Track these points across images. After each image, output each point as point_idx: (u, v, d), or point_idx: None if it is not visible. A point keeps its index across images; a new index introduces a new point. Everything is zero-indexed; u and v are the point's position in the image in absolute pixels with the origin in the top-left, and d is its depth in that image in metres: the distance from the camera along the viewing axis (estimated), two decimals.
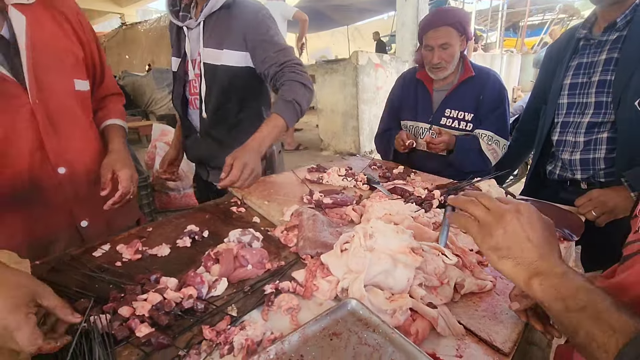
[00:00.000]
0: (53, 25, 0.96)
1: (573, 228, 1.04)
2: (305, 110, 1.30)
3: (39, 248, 1.00)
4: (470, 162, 1.60)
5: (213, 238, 1.01)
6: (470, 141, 1.62)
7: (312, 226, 1.00)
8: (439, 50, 1.58)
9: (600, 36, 1.23)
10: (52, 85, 0.94)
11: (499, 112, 1.62)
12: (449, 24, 1.55)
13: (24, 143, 0.91)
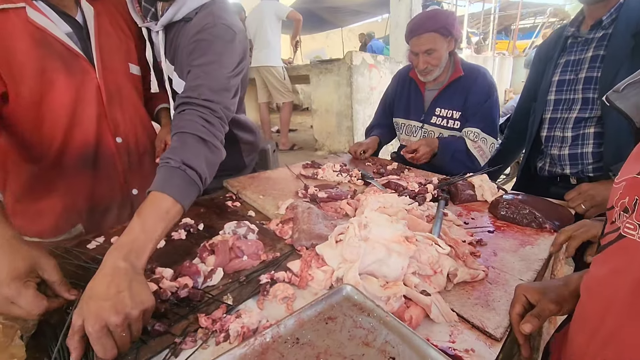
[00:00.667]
0: (112, 17, 1.10)
1: (563, 221, 1.06)
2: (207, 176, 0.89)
3: (97, 212, 1.13)
4: (457, 164, 1.61)
5: (208, 231, 1.01)
6: (454, 142, 1.63)
7: (307, 219, 1.01)
8: (424, 55, 1.60)
9: (587, 34, 1.26)
10: (113, 65, 1.08)
11: (485, 108, 1.62)
12: (431, 31, 1.56)
13: (92, 111, 1.04)
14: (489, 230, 1.05)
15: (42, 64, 0.92)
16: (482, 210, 1.19)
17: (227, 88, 1.04)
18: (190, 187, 0.83)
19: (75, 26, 1.00)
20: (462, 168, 1.62)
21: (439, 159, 1.63)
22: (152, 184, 0.79)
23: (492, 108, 1.64)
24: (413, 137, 1.84)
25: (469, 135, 1.63)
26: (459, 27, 1.66)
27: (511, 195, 1.18)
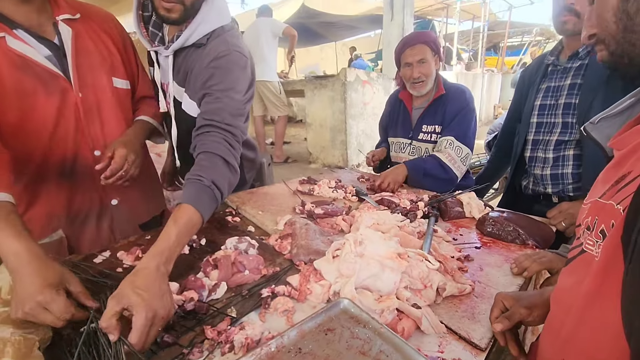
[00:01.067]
0: (92, 36, 1.14)
1: (545, 238, 1.13)
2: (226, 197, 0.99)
3: (76, 220, 1.17)
4: (433, 178, 1.65)
5: (210, 245, 1.06)
6: (422, 159, 1.71)
7: (305, 235, 1.06)
8: (418, 65, 1.72)
9: (566, 63, 1.36)
10: (92, 81, 1.12)
11: (459, 119, 1.71)
12: (423, 42, 1.72)
13: (70, 127, 1.09)
14: (475, 246, 1.11)
15: (24, 86, 0.99)
16: (470, 226, 1.26)
17: (242, 113, 1.13)
18: (213, 205, 0.93)
19: (54, 48, 1.05)
20: (439, 182, 1.65)
21: (411, 180, 1.68)
22: (184, 196, 0.89)
23: (465, 118, 1.72)
24: (402, 153, 1.92)
25: (442, 144, 1.69)
26: (441, 52, 1.80)
27: (497, 213, 1.25)
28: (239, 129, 1.08)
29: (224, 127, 1.04)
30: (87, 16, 1.13)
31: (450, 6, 9.15)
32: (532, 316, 0.67)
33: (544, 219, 1.28)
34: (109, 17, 1.21)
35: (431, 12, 9.80)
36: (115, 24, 1.22)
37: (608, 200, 0.50)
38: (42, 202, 1.10)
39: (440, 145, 1.71)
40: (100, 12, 1.20)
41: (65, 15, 1.07)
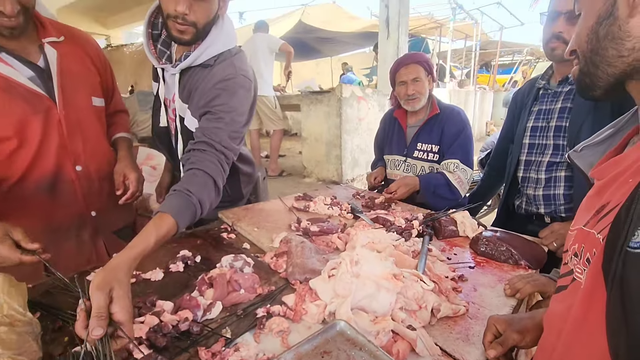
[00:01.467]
0: (76, 57, 1.22)
1: (537, 258, 1.15)
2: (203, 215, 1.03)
3: (57, 234, 1.21)
4: (438, 198, 1.73)
5: (205, 263, 1.05)
6: (434, 178, 1.77)
7: (300, 253, 1.06)
8: (412, 83, 1.79)
9: (557, 87, 1.40)
10: (75, 101, 1.19)
11: (460, 141, 1.78)
12: (416, 62, 1.80)
13: (53, 143, 1.15)
14: (469, 266, 1.12)
15: (9, 107, 1.05)
16: (464, 245, 1.27)
17: (239, 136, 1.19)
18: (190, 222, 0.99)
19: (37, 70, 1.11)
20: (444, 202, 1.73)
21: (422, 196, 1.74)
22: (169, 206, 0.94)
23: (466, 141, 1.81)
24: (396, 170, 1.97)
25: (449, 167, 1.76)
26: (434, 73, 1.87)
27: (490, 232, 1.26)
28: (232, 152, 1.15)
29: (220, 149, 1.09)
30: (71, 39, 1.21)
31: (443, 25, 9.38)
32: (525, 341, 0.68)
33: (537, 239, 1.30)
34: (90, 40, 1.31)
35: (425, 31, 10.04)
36: (95, 47, 1.31)
37: (591, 229, 0.51)
38: (18, 215, 1.12)
39: (447, 167, 1.77)
40: (82, 35, 1.29)
41: (51, 38, 1.15)
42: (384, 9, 4.54)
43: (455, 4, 8.12)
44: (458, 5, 8.18)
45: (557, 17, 1.29)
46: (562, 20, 1.27)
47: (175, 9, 1.06)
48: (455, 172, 1.75)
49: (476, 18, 9.41)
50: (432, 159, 1.84)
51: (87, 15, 9.23)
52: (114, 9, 9.52)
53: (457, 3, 8.12)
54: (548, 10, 1.35)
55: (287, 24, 8.73)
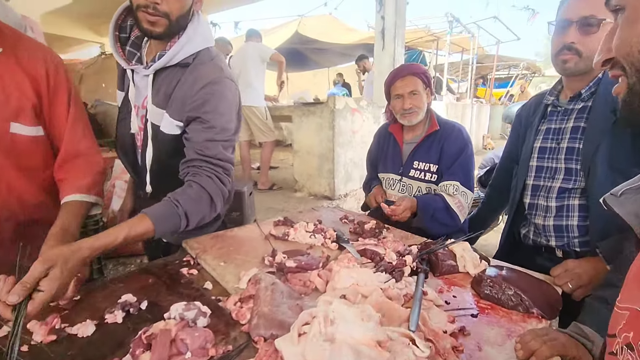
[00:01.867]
0: (4, 75, 1.00)
1: (551, 304, 0.97)
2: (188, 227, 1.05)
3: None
4: (436, 223, 1.57)
5: (152, 311, 0.87)
6: (433, 200, 1.60)
7: (269, 299, 0.88)
8: (409, 96, 1.64)
9: (567, 104, 1.25)
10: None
11: (461, 162, 1.63)
12: (414, 74, 1.65)
13: None
14: (472, 314, 0.95)
15: None
16: (465, 285, 1.10)
17: (232, 145, 1.17)
18: (171, 231, 1.02)
19: None
20: (442, 227, 1.57)
21: (419, 219, 1.57)
22: (151, 210, 0.97)
23: (467, 162, 1.65)
24: (391, 190, 1.81)
25: (449, 190, 1.60)
26: (432, 85, 1.72)
27: (495, 271, 1.09)
28: (229, 162, 1.13)
29: (216, 163, 1.09)
30: (13, 52, 1.01)
31: (440, 39, 9.37)
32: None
33: (548, 277, 1.12)
34: (39, 56, 1.06)
35: (422, 44, 10.03)
36: (46, 66, 1.06)
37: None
38: None
39: (446, 189, 1.61)
40: (32, 48, 1.06)
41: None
42: (380, 20, 4.44)
43: (452, 18, 8.10)
44: (455, 18, 8.16)
45: (567, 27, 1.14)
46: (574, 29, 1.13)
47: None
48: (455, 195, 1.58)
49: (473, 32, 9.41)
50: (430, 179, 1.68)
51: (79, 22, 9.13)
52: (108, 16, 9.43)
53: (454, 16, 8.10)
54: (556, 20, 1.20)
55: (283, 34, 8.67)
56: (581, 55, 1.13)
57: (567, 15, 1.14)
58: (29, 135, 1.06)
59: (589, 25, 1.11)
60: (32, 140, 1.07)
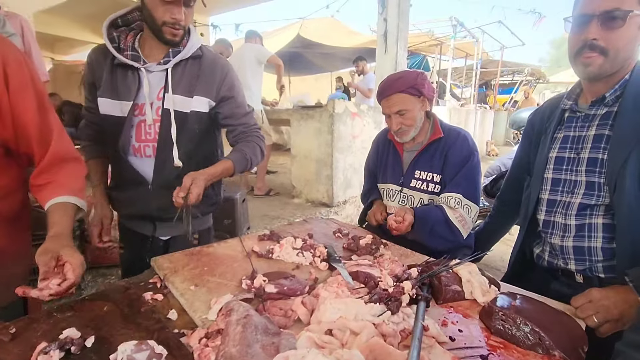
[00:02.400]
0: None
1: (575, 343, 0.82)
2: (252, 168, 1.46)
3: None
4: (435, 238, 1.43)
5: (98, 349, 0.72)
6: (432, 212, 1.46)
7: (239, 336, 0.73)
8: (396, 117, 1.51)
9: (588, 109, 1.11)
10: None
11: (465, 172, 1.49)
12: (399, 91, 1.48)
13: None
14: (481, 355, 0.80)
15: None
16: (472, 315, 0.95)
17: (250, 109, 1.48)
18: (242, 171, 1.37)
19: None
20: (442, 242, 1.43)
21: (415, 232, 1.44)
22: (232, 156, 1.34)
23: (472, 172, 1.50)
24: (391, 202, 1.67)
25: (449, 202, 1.46)
26: (430, 86, 1.55)
27: (507, 300, 0.94)
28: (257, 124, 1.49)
29: (254, 127, 1.44)
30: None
31: (443, 43, 9.25)
32: None
33: (567, 307, 0.97)
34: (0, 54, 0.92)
35: (425, 49, 9.92)
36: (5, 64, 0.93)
37: None
38: None
39: (447, 202, 1.46)
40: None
41: None
42: (382, 23, 4.32)
43: (456, 22, 7.98)
44: (459, 22, 8.04)
45: (588, 22, 1.00)
46: (595, 24, 0.98)
47: (173, 17, 1.18)
48: (456, 208, 1.44)
49: (477, 36, 9.29)
50: (433, 189, 1.54)
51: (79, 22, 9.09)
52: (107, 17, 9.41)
53: (458, 21, 7.98)
54: (573, 16, 1.06)
55: (285, 37, 8.58)
56: (607, 54, 0.99)
57: (587, 9, 1.00)
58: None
59: (613, 19, 0.97)
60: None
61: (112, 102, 1.27)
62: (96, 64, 1.28)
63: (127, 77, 1.26)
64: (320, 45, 8.90)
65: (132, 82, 1.26)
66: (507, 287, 1.09)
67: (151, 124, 1.29)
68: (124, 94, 1.26)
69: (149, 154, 1.30)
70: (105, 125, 1.30)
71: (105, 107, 1.27)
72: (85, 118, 1.41)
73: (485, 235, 1.61)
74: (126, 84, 1.26)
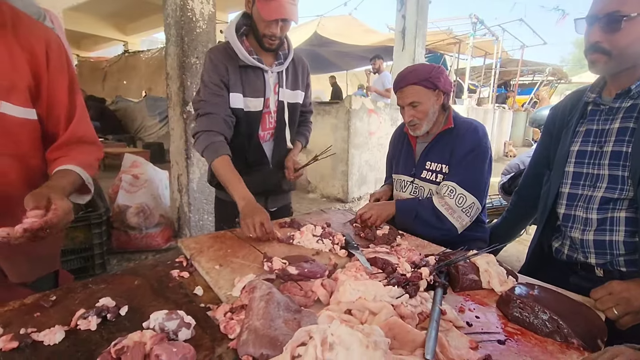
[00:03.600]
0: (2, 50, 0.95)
1: (593, 333, 0.82)
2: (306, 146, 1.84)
3: None
4: (424, 226, 1.45)
5: (132, 318, 0.77)
6: (416, 200, 1.54)
7: (262, 311, 0.77)
8: (409, 108, 1.52)
9: (612, 102, 1.10)
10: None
11: (467, 162, 1.46)
12: (413, 83, 1.49)
13: None
14: (498, 340, 0.81)
15: None
16: (489, 303, 0.96)
17: None
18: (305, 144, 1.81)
19: None
20: (435, 231, 1.44)
21: (400, 222, 1.49)
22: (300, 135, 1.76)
23: (474, 162, 1.47)
24: (403, 192, 1.68)
25: (442, 190, 1.46)
26: (447, 80, 1.54)
27: (525, 289, 0.95)
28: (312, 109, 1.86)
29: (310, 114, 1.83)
30: (11, 29, 0.96)
31: (462, 42, 9.12)
32: None
33: (587, 299, 0.97)
34: (40, 35, 1.01)
35: (443, 47, 9.79)
36: (47, 46, 1.01)
37: None
38: None
39: (439, 190, 1.48)
40: (33, 27, 1.01)
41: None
42: (401, 20, 4.31)
43: (476, 19, 7.85)
44: (479, 20, 7.90)
45: (592, 24, 1.03)
46: (598, 26, 1.01)
47: (271, 32, 1.39)
48: (445, 197, 1.43)
49: (497, 35, 9.11)
50: (442, 181, 1.53)
51: (103, 20, 9.33)
52: (132, 15, 9.64)
53: (478, 18, 7.85)
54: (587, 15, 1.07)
55: (302, 34, 8.61)
56: (610, 54, 1.01)
57: (592, 11, 1.03)
58: (19, 117, 0.99)
59: (614, 22, 0.98)
60: (22, 123, 1.00)
61: (244, 98, 1.48)
62: (221, 64, 1.44)
63: (252, 77, 1.49)
64: (337, 44, 8.91)
65: (257, 80, 1.50)
66: (526, 279, 1.09)
67: (273, 114, 1.57)
68: (254, 91, 1.50)
69: (268, 139, 1.60)
70: (238, 117, 1.49)
71: (237, 102, 1.47)
72: (206, 110, 1.43)
73: (502, 230, 1.60)
74: (254, 82, 1.49)
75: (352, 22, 9.01)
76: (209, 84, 1.44)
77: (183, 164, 2.46)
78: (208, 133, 1.40)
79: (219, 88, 1.44)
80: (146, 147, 6.26)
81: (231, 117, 1.47)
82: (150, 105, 7.23)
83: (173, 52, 2.43)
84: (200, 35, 2.43)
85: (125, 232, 2.29)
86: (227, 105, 1.45)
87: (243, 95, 1.48)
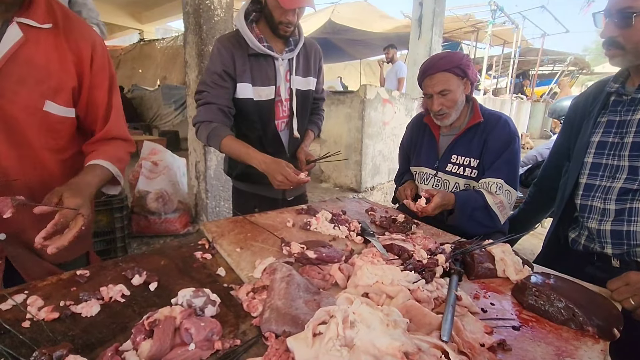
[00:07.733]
0: (51, 50, 0.98)
1: (609, 322, 0.83)
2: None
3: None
4: (474, 223, 1.43)
5: (162, 294, 0.82)
6: (472, 198, 1.45)
7: (284, 291, 0.80)
8: (438, 97, 1.48)
9: (635, 93, 1.08)
10: (15, 96, 0.94)
11: (505, 157, 1.47)
12: (444, 70, 1.46)
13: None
14: (513, 326, 0.83)
15: None
16: (504, 291, 0.97)
17: None
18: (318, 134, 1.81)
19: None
20: (480, 227, 1.43)
21: (455, 217, 1.43)
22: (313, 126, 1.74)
23: (513, 158, 1.48)
24: (424, 185, 1.68)
25: (491, 188, 1.45)
26: (474, 69, 1.53)
27: (540, 277, 0.96)
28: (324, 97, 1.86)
29: (322, 101, 1.82)
30: (62, 30, 1.00)
31: (480, 30, 8.88)
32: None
33: (603, 290, 0.98)
34: (87, 37, 1.05)
35: (460, 35, 9.57)
36: (92, 48, 1.05)
37: None
38: None
39: (487, 187, 1.45)
40: (80, 28, 1.05)
41: (28, 20, 0.93)
42: (418, 7, 4.23)
43: (495, 6, 7.62)
44: (499, 7, 7.67)
45: (607, 19, 1.04)
46: (611, 22, 1.02)
47: (288, 19, 1.36)
48: (497, 194, 1.43)
49: (517, 22, 8.84)
50: (470, 174, 1.53)
51: (122, 9, 9.41)
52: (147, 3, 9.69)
53: (498, 5, 7.62)
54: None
55: (316, 22, 8.53)
56: (624, 48, 1.02)
57: (609, 5, 1.02)
58: (61, 115, 1.03)
59: (626, 18, 0.99)
60: (62, 120, 1.05)
61: (253, 87, 1.45)
62: (227, 54, 1.40)
63: (263, 65, 1.45)
64: (350, 31, 8.79)
65: (268, 68, 1.46)
66: (542, 269, 1.10)
67: (285, 103, 1.54)
68: (265, 79, 1.46)
69: (283, 128, 1.57)
70: (249, 108, 1.47)
71: (245, 92, 1.44)
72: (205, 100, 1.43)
73: (519, 222, 1.61)
74: (264, 70, 1.46)
75: (367, 8, 8.86)
76: (211, 74, 1.42)
77: (201, 152, 2.51)
78: (206, 123, 1.41)
79: (221, 79, 1.41)
80: (162, 135, 6.36)
81: (230, 108, 1.44)
82: (166, 93, 7.31)
83: (192, 41, 2.46)
84: (218, 24, 2.44)
85: (145, 217, 2.37)
86: (228, 96, 1.43)
87: (252, 85, 1.44)
